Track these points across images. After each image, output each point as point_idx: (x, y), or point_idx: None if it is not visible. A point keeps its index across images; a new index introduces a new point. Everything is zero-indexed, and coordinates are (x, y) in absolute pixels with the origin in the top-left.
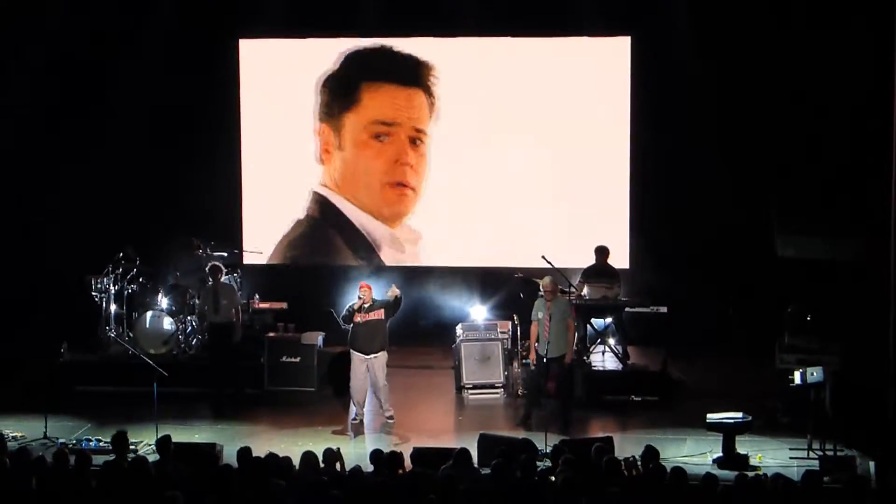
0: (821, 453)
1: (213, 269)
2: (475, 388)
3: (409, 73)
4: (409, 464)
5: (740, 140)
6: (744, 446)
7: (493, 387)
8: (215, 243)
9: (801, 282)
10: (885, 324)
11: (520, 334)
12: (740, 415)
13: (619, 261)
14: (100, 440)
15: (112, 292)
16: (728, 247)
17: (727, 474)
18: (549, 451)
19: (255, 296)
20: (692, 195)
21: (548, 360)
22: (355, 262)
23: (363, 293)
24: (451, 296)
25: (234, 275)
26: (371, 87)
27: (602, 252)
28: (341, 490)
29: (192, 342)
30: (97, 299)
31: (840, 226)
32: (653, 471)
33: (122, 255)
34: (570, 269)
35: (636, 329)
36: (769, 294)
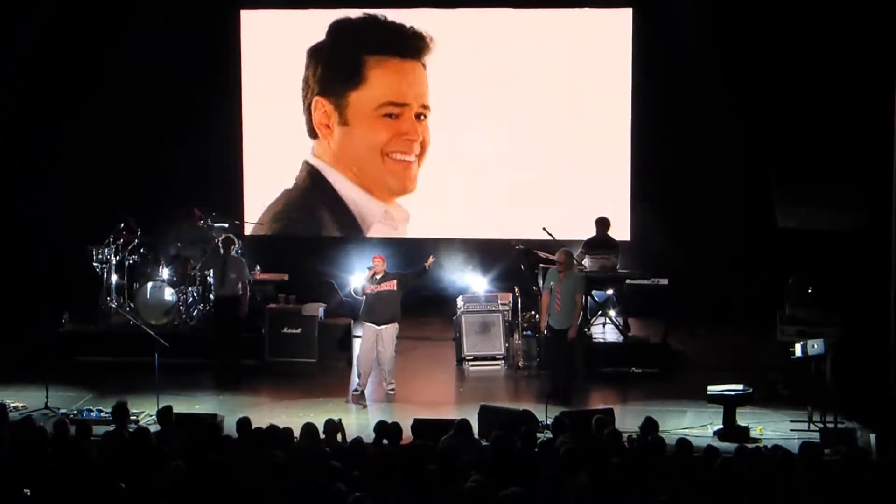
0: (821, 425)
1: (226, 241)
2: (476, 359)
3: (410, 46)
4: (409, 435)
5: (741, 111)
6: (744, 418)
7: (493, 358)
8: (217, 214)
9: (802, 253)
10: (886, 296)
11: (520, 306)
12: (741, 387)
13: (620, 233)
14: (101, 410)
15: (113, 263)
16: (729, 218)
17: (728, 446)
18: (549, 422)
19: (256, 267)
20: (693, 167)
21: (550, 331)
22: (338, 234)
23: (375, 264)
24: (453, 268)
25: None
26: (375, 62)
27: (602, 223)
28: (342, 461)
29: (193, 313)
30: (98, 270)
31: (841, 197)
32: (653, 442)
33: (123, 225)
34: (571, 241)
35: (637, 301)
36: (770, 266)
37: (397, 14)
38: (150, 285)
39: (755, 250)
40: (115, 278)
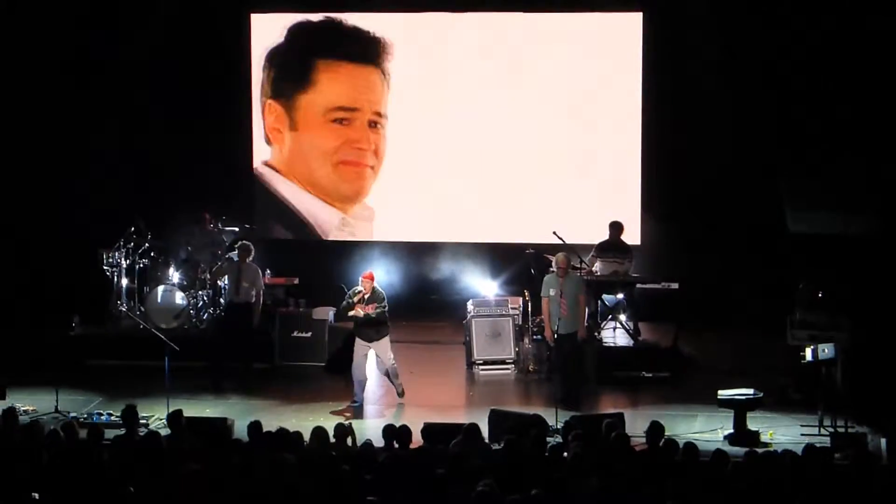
0: (832, 430)
1: (243, 249)
2: (486, 363)
3: (366, 52)
4: (419, 439)
5: (752, 115)
6: (755, 422)
7: (503, 363)
8: (227, 218)
9: (812, 257)
10: None
11: (531, 310)
12: (751, 391)
13: (631, 237)
14: (111, 414)
15: (124, 266)
16: (739, 222)
17: (738, 450)
18: (559, 426)
19: (267, 271)
20: (704, 171)
21: (560, 337)
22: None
23: (364, 284)
24: (463, 272)
25: None
26: (326, 66)
27: (616, 227)
28: (352, 465)
29: (204, 317)
30: (109, 273)
31: (852, 201)
32: (664, 447)
33: (133, 229)
34: (581, 245)
35: (647, 305)
36: (780, 270)
37: (352, 17)
38: (160, 289)
39: (765, 254)
40: (125, 282)
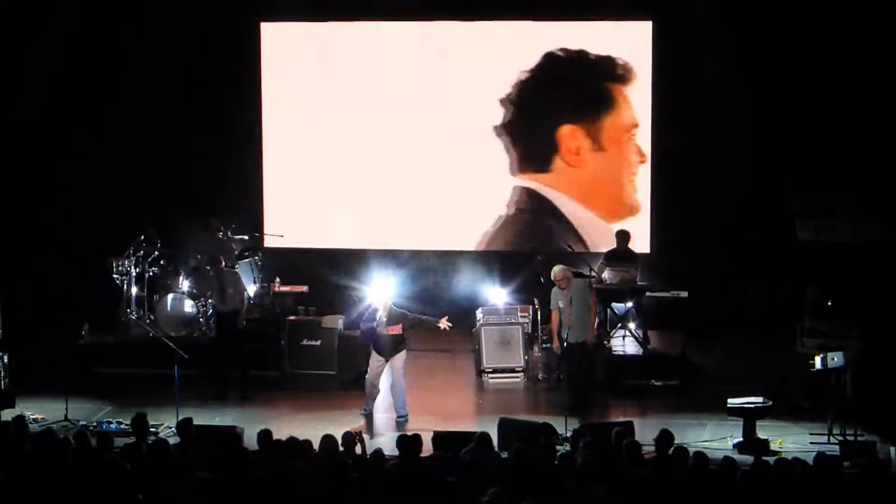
0: (841, 438)
1: (212, 260)
2: (495, 371)
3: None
4: (429, 447)
5: (761, 123)
6: (764, 431)
7: (513, 371)
8: (236, 226)
9: (821, 265)
10: None
11: (540, 318)
12: (761, 399)
13: (640, 245)
14: (120, 422)
15: (133, 275)
16: (748, 230)
17: (747, 459)
18: (569, 435)
19: (276, 279)
20: (712, 179)
21: (569, 345)
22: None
23: (382, 306)
24: (471, 281)
25: (254, 258)
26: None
27: (622, 235)
28: (361, 473)
29: (213, 325)
30: (118, 281)
31: (860, 208)
32: (673, 455)
33: (143, 237)
34: (591, 255)
35: (656, 313)
36: (789, 278)
37: (409, 26)
38: (170, 297)
39: (775, 262)
40: (135, 290)
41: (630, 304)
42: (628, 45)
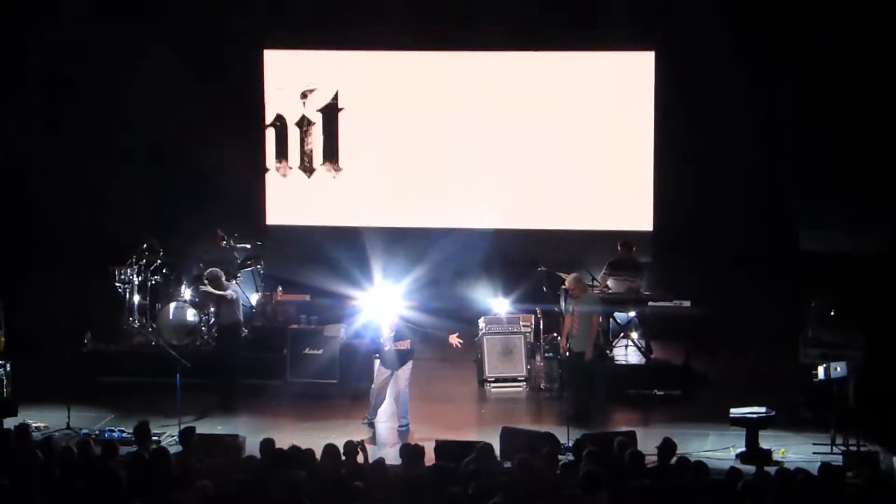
0: (844, 448)
1: (213, 280)
2: (497, 381)
3: None
4: (431, 457)
5: (764, 135)
6: (767, 441)
7: (515, 380)
8: (239, 235)
9: (824, 275)
10: None
11: (542, 328)
12: (763, 409)
13: (644, 255)
14: (122, 431)
15: (136, 283)
16: (751, 241)
17: (750, 469)
18: (571, 444)
19: (278, 288)
20: (715, 190)
21: (571, 354)
22: None
23: (390, 323)
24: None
25: (256, 267)
26: None
27: (626, 245)
28: (364, 482)
29: (215, 334)
30: (121, 290)
31: (863, 219)
32: (676, 465)
33: (145, 246)
34: (595, 267)
35: (659, 323)
36: (792, 288)
37: (419, 57)
38: (172, 306)
39: (777, 272)
40: (137, 298)
41: (633, 313)
42: (631, 76)
